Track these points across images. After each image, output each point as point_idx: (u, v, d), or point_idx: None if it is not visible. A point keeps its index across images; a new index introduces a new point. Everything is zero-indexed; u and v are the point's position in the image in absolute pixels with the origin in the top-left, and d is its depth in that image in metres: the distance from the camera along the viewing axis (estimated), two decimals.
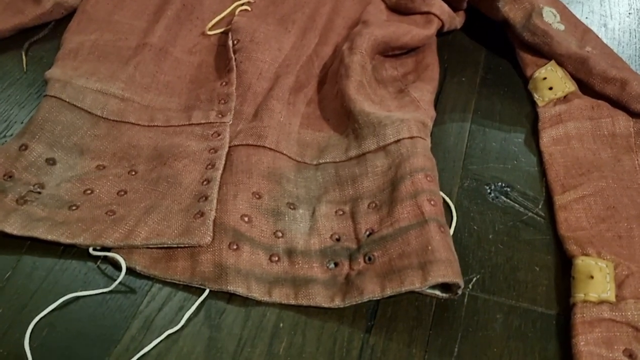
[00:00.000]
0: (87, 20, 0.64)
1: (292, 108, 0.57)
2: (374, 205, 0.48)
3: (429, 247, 0.43)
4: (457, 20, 0.66)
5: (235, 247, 0.46)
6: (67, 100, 0.55)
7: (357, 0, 0.69)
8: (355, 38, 0.59)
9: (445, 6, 0.65)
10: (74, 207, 0.49)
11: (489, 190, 0.53)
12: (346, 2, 0.69)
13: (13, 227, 0.47)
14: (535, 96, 0.60)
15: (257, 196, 0.49)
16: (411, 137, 0.51)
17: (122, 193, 0.50)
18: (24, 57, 0.64)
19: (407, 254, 0.44)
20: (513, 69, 0.65)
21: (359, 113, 0.53)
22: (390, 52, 0.62)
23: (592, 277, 0.44)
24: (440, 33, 0.66)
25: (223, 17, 0.67)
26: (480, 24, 0.68)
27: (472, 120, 0.59)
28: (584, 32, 0.64)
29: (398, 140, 0.51)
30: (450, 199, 0.52)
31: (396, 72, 0.62)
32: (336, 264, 0.46)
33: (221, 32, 0.66)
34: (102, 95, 0.56)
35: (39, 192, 0.50)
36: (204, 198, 0.48)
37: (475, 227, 0.50)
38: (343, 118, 0.56)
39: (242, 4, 0.67)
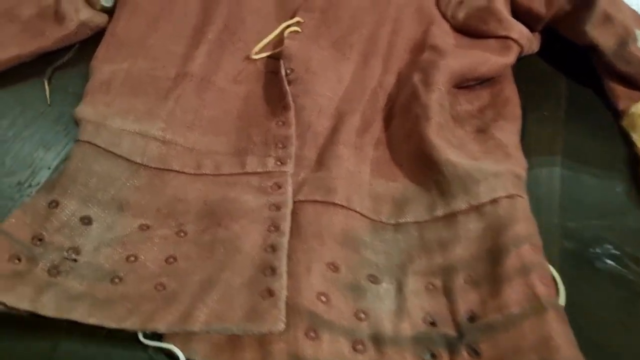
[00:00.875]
0: (118, 44, 0.57)
1: (359, 153, 0.49)
2: (470, 279, 0.41)
3: (551, 344, 0.36)
4: (535, 44, 0.59)
5: (313, 334, 0.39)
6: (102, 146, 0.48)
7: (416, 18, 0.61)
8: (430, 70, 0.52)
9: (525, 29, 0.57)
10: (116, 280, 0.42)
11: (594, 255, 0.46)
12: (404, 20, 0.61)
13: (47, 308, 0.39)
14: (634, 136, 0.53)
15: (332, 268, 0.42)
16: (508, 196, 0.44)
17: (172, 260, 0.43)
18: (46, 86, 0.57)
19: (524, 351, 0.36)
20: (599, 100, 0.57)
21: (444, 164, 0.46)
22: (464, 83, 0.55)
23: None
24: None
25: (270, 44, 0.59)
26: (558, 46, 0.60)
27: (562, 164, 0.52)
28: None
29: (494, 200, 0.43)
30: (551, 264, 0.44)
31: (471, 107, 0.54)
32: (433, 355, 0.39)
33: (268, 56, 0.58)
34: (141, 138, 0.49)
35: (75, 260, 0.43)
36: (270, 271, 0.41)
37: (586, 304, 0.43)
38: (419, 165, 0.48)
39: (291, 25, 0.59)
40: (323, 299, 0.40)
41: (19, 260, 0.42)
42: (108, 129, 0.49)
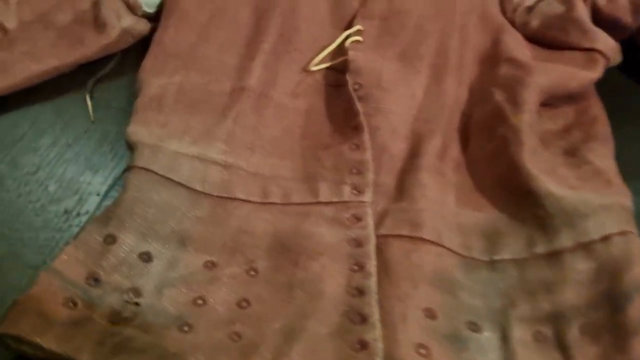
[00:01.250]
0: (166, 55, 0.52)
1: (442, 179, 0.45)
2: (587, 330, 0.37)
3: None
4: (618, 55, 0.54)
5: None
6: (160, 172, 0.43)
7: (482, 26, 0.56)
8: (516, 88, 0.47)
9: (610, 39, 0.52)
10: (185, 328, 0.37)
11: None
12: (470, 28, 0.56)
13: None
14: None
15: (429, 315, 0.37)
16: (621, 233, 0.39)
17: (245, 304, 0.39)
18: (89, 101, 0.52)
19: None
20: None
21: (544, 196, 0.41)
22: (549, 101, 0.50)
23: None
24: None
25: (325, 48, 0.55)
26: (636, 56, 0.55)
27: None
28: None
29: (605, 237, 0.39)
30: None
31: (555, 126, 0.49)
32: None
33: (327, 67, 0.54)
34: (200, 162, 0.44)
35: (137, 303, 0.38)
36: (360, 318, 0.37)
37: None
38: (509, 193, 0.44)
39: (353, 34, 0.54)
40: (423, 351, 0.36)
41: (75, 304, 0.38)
42: (165, 153, 0.44)
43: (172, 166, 0.43)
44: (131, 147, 0.45)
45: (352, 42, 0.53)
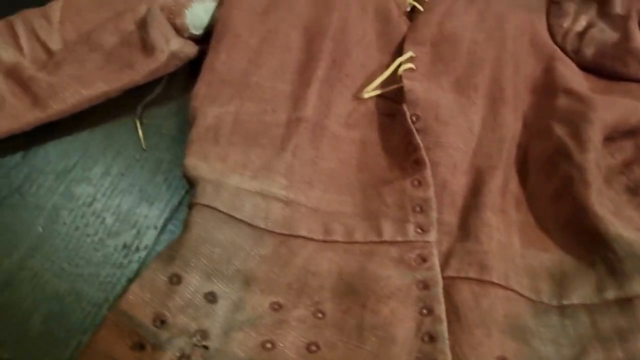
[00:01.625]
0: (219, 82, 0.51)
1: (505, 218, 0.44)
2: None
3: None
4: None
5: None
6: (224, 210, 0.42)
7: (533, 52, 0.56)
8: (579, 124, 0.46)
9: None
10: None
11: None
12: (521, 54, 0.55)
13: None
14: None
15: None
16: None
17: (314, 348, 0.38)
18: (139, 128, 0.51)
19: None
20: None
21: (614, 240, 0.40)
22: (610, 135, 0.49)
23: None
24: None
25: (374, 73, 0.54)
26: None
27: None
28: None
29: None
30: None
31: (614, 161, 0.49)
32: None
33: (378, 95, 0.53)
34: (262, 198, 0.44)
35: (206, 347, 0.38)
36: None
37: None
38: (575, 234, 0.43)
39: (406, 61, 0.53)
40: None
41: (143, 347, 0.37)
42: (227, 189, 0.43)
43: (235, 203, 0.43)
44: (191, 181, 0.44)
45: (406, 70, 0.52)
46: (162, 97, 0.54)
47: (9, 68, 0.53)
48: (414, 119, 0.49)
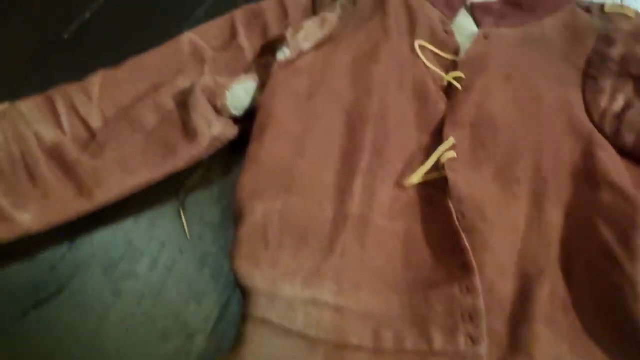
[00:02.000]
0: (264, 173, 0.51)
1: (554, 327, 0.44)
2: None
3: None
4: None
5: None
6: (277, 322, 0.43)
7: (571, 133, 0.55)
8: (628, 231, 0.46)
9: None
10: None
11: None
12: (559, 136, 0.55)
13: None
14: None
15: None
16: None
17: None
18: (183, 216, 0.51)
19: None
20: None
21: None
22: None
23: None
24: None
25: (413, 155, 0.54)
26: None
27: None
28: None
29: None
30: None
31: None
32: None
33: (420, 183, 0.53)
34: (313, 306, 0.44)
35: None
36: None
37: None
38: (620, 342, 0.43)
39: (448, 150, 0.53)
40: None
41: None
42: (281, 300, 0.43)
43: (289, 315, 0.43)
44: (243, 290, 0.44)
45: (448, 159, 0.52)
46: (203, 180, 0.54)
47: (51, 148, 0.53)
48: (459, 216, 0.49)
